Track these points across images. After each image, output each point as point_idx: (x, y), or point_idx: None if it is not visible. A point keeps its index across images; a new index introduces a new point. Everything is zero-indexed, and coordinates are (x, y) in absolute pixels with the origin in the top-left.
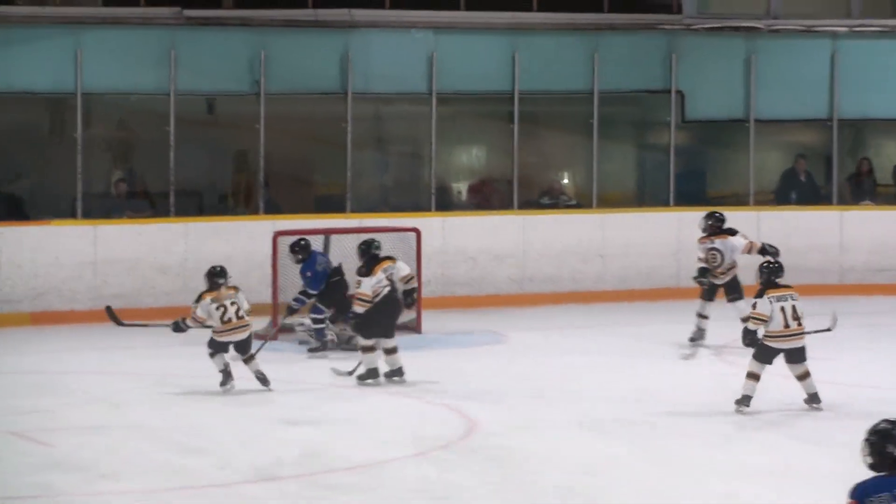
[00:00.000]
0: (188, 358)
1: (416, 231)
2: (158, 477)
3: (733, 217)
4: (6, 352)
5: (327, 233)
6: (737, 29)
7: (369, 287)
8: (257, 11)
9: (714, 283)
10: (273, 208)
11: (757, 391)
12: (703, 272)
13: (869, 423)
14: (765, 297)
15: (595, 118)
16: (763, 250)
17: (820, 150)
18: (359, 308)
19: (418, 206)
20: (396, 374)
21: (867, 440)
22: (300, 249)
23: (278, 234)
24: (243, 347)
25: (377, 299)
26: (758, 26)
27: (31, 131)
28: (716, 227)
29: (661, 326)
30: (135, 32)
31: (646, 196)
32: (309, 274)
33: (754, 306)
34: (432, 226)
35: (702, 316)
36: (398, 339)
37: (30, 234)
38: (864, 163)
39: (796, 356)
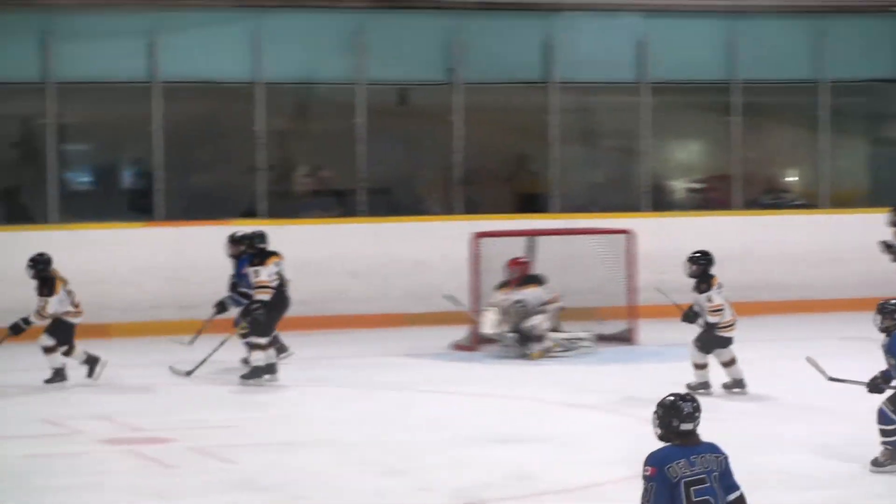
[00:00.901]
0: (388, 369)
1: (629, 233)
2: (354, 500)
3: None
4: (186, 360)
5: (531, 234)
6: None
7: (267, 275)
8: None
9: None
10: (471, 207)
11: None
12: None
13: None
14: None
15: (824, 110)
16: None
17: None
18: (265, 296)
19: (630, 206)
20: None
21: (655, 413)
22: (242, 239)
23: (478, 236)
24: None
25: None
26: None
27: (209, 123)
28: None
29: None
30: (319, 17)
31: (882, 195)
32: (244, 271)
33: (709, 299)
34: (646, 227)
35: None
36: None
37: (211, 235)
38: None
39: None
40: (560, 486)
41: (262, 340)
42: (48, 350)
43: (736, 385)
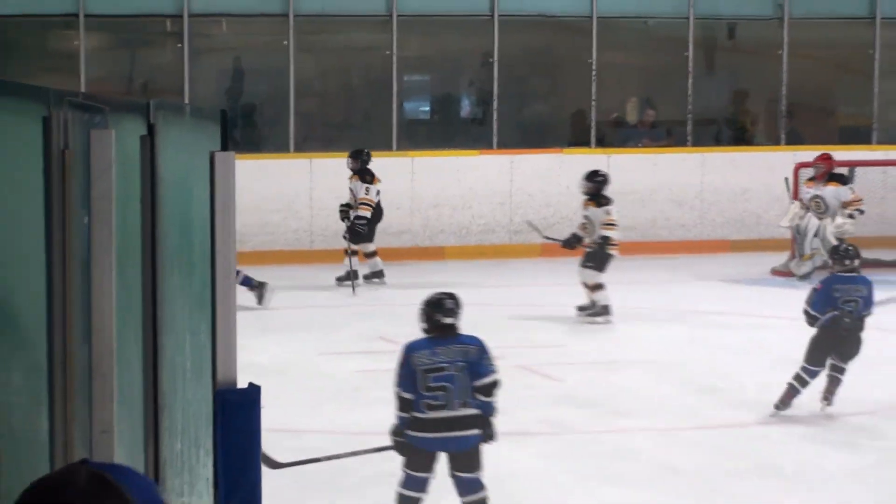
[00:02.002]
0: (706, 292)
1: None
2: (672, 416)
3: None
4: (514, 281)
5: (851, 165)
6: None
7: (374, 194)
8: None
9: None
10: (794, 138)
11: None
12: None
13: None
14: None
15: None
16: None
17: None
18: (366, 213)
19: None
20: (378, 275)
21: (421, 309)
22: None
23: (800, 167)
24: None
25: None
26: None
27: (543, 55)
28: None
29: None
30: None
31: None
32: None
33: (608, 213)
34: None
35: None
36: None
37: (541, 163)
38: None
39: None
40: (867, 408)
41: (372, 248)
42: None
43: (604, 312)
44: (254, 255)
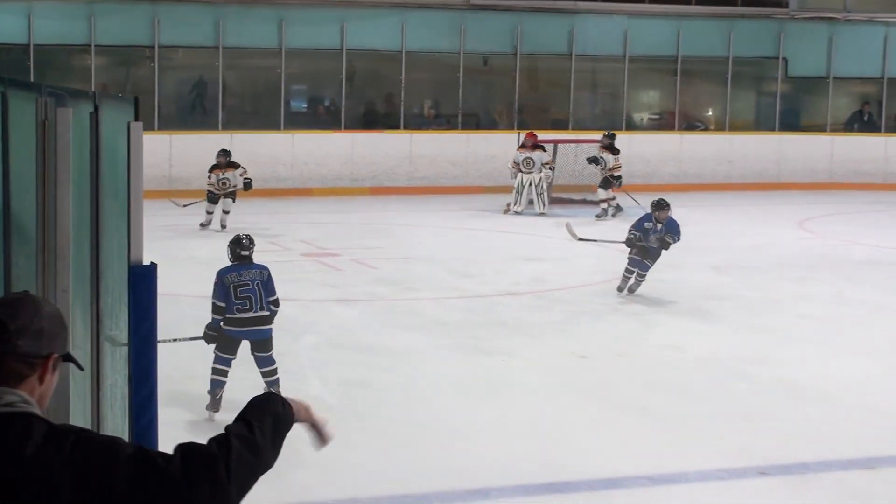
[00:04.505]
0: (470, 216)
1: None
2: (443, 290)
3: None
4: (354, 210)
5: (556, 142)
6: (823, 18)
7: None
8: None
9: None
10: (523, 125)
11: None
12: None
13: None
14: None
15: (729, 73)
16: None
17: (876, 97)
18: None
19: (614, 126)
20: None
21: (228, 246)
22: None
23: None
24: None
25: None
26: (836, 17)
27: (372, 74)
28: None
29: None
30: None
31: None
32: None
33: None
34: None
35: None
36: None
37: (370, 139)
38: None
39: None
40: (562, 285)
41: None
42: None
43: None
44: (197, 192)
